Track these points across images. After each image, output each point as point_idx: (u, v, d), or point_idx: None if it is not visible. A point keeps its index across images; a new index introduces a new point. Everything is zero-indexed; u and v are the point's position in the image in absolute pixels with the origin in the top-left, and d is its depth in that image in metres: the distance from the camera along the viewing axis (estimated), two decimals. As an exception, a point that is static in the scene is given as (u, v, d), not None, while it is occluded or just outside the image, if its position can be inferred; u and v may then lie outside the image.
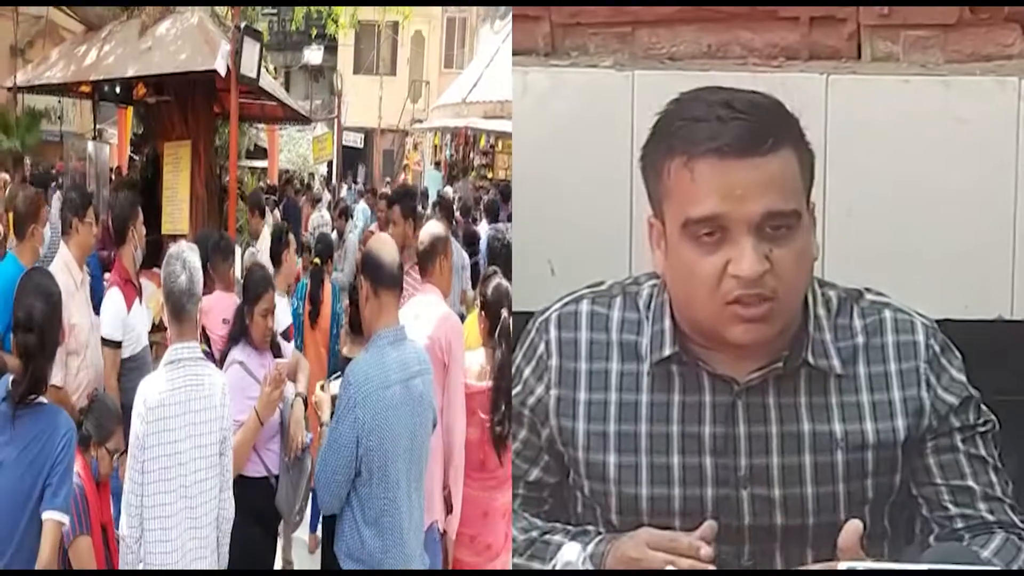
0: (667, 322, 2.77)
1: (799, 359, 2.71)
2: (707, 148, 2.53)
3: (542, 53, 3.97)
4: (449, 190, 20.91)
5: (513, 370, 2.96)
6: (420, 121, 29.60)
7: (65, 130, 17.81)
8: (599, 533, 2.77)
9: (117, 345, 5.60)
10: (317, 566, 5.30)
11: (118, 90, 12.65)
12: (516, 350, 2.97)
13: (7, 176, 12.56)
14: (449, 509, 4.54)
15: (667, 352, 2.75)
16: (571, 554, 2.66)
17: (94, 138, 14.04)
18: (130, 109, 14.75)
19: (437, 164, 27.85)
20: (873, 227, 3.79)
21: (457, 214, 15.75)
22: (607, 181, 3.76)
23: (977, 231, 3.79)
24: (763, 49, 3.89)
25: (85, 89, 12.85)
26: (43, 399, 3.61)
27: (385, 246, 3.94)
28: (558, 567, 2.65)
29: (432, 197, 19.33)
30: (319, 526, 5.11)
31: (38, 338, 3.59)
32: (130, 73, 11.14)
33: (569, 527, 2.81)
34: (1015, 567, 2.67)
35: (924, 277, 3.68)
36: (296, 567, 6.16)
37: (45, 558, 3.47)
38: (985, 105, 3.78)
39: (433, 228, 4.97)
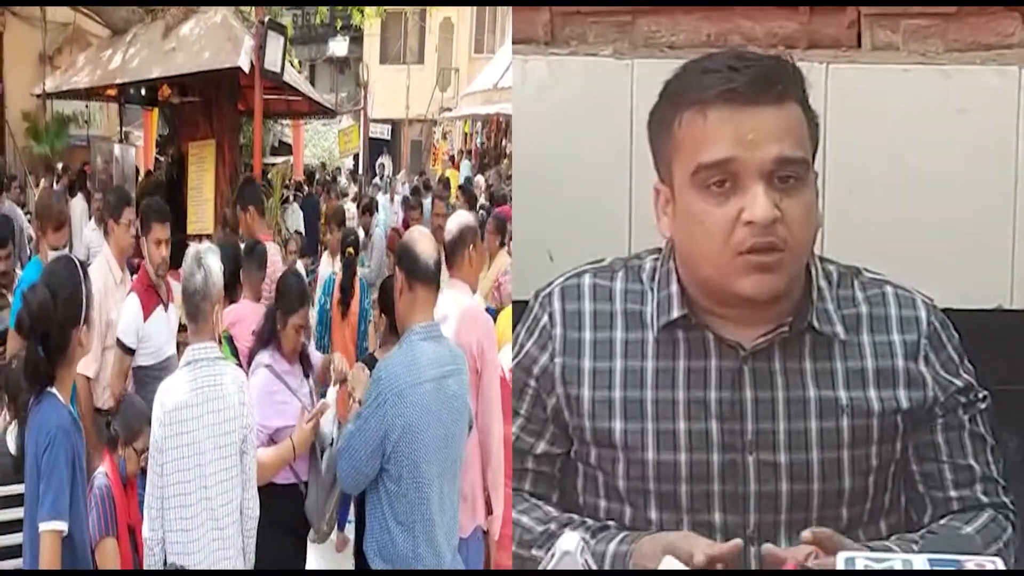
0: (674, 287, 2.77)
1: (803, 323, 2.72)
2: (720, 91, 2.56)
3: (542, 42, 3.96)
4: (481, 179, 20.91)
5: (515, 346, 2.94)
6: (449, 109, 29.52)
7: (92, 134, 18.01)
8: (619, 529, 2.76)
9: (129, 351, 5.58)
10: (343, 566, 5.26)
11: (143, 92, 12.81)
12: (518, 327, 2.96)
13: (43, 181, 12.79)
14: (490, 511, 4.49)
15: (675, 314, 2.75)
16: (569, 543, 2.60)
17: (120, 141, 14.22)
18: (155, 111, 14.94)
19: (469, 153, 27.81)
20: (873, 216, 3.79)
21: (482, 201, 15.77)
22: (607, 169, 3.77)
23: (977, 220, 3.79)
24: (763, 38, 3.87)
25: (111, 93, 13.04)
26: (53, 391, 3.47)
27: (422, 239, 3.88)
28: (556, 556, 2.62)
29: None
30: (347, 525, 5.03)
31: (30, 321, 3.44)
32: (154, 75, 11.31)
33: (588, 521, 2.80)
34: (996, 547, 2.70)
35: (924, 266, 3.62)
36: (323, 566, 6.12)
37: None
38: (985, 94, 3.77)
39: (462, 218, 4.85)
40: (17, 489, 3.67)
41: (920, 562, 2.25)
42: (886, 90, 3.79)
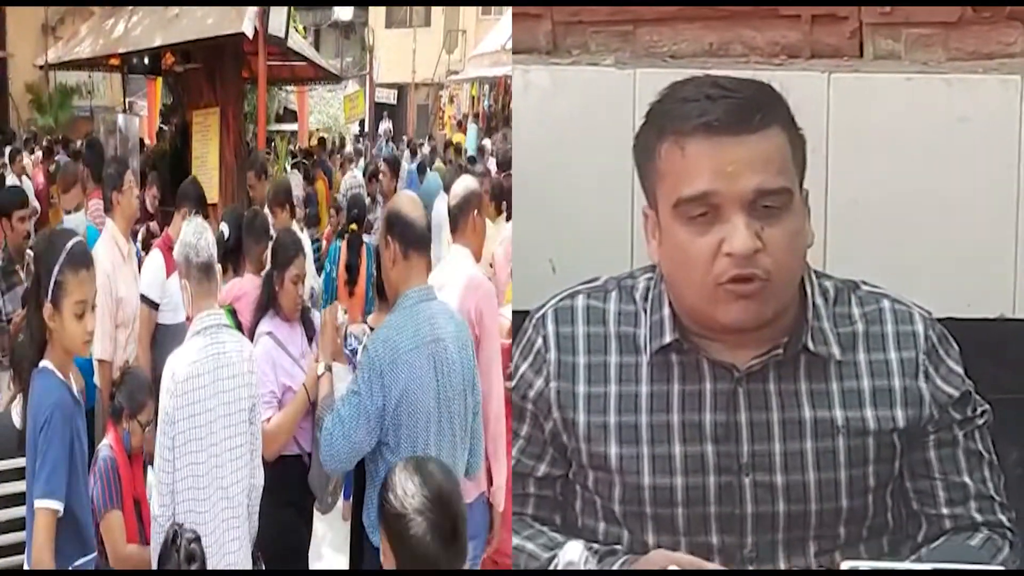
0: (666, 310, 2.77)
1: (798, 345, 2.72)
2: (696, 124, 2.55)
3: (543, 51, 3.95)
4: (488, 143, 20.85)
5: (512, 368, 2.96)
6: (456, 72, 29.31)
7: (96, 105, 18.00)
8: (626, 552, 2.78)
9: (154, 305, 5.65)
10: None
11: (147, 61, 12.75)
12: (513, 348, 2.97)
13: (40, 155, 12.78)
14: (491, 481, 4.48)
15: (667, 339, 2.75)
16: (573, 553, 2.66)
17: (124, 111, 14.17)
18: (159, 80, 14.86)
19: (476, 116, 27.65)
20: (875, 225, 3.78)
21: (488, 166, 15.71)
22: (608, 180, 3.75)
23: (979, 229, 3.78)
24: (765, 47, 3.87)
25: (114, 62, 12.99)
26: (47, 363, 3.43)
27: (413, 205, 3.87)
28: (560, 566, 2.67)
29: (471, 152, 19.33)
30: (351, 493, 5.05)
31: (25, 297, 3.50)
32: (157, 43, 11.27)
33: (595, 546, 2.79)
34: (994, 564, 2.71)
35: (926, 275, 3.67)
36: (330, 536, 6.15)
37: (34, 555, 3.33)
38: (987, 104, 3.75)
39: (467, 182, 4.86)
40: (22, 462, 3.67)
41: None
42: (888, 99, 3.78)
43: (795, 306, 2.73)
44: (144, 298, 5.66)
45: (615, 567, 2.70)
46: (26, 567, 3.51)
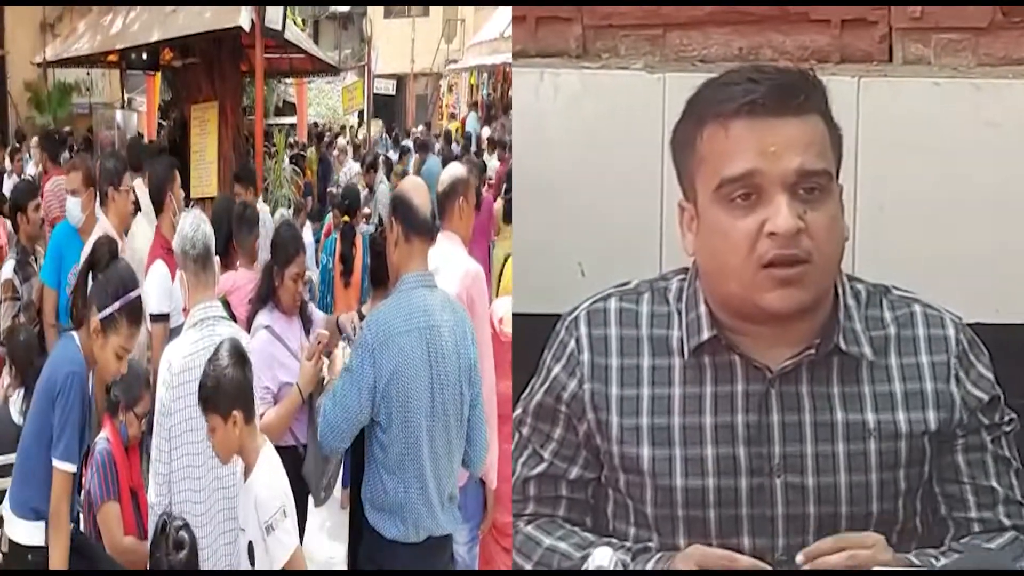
0: (702, 308, 2.77)
1: (831, 345, 2.71)
2: (741, 104, 2.56)
3: (573, 55, 3.97)
4: (487, 131, 20.83)
5: (543, 370, 2.94)
6: (455, 61, 29.20)
7: (95, 101, 17.93)
8: (659, 550, 2.78)
9: (166, 318, 5.55)
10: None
11: (145, 57, 12.70)
12: (545, 351, 2.95)
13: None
14: None
15: (705, 336, 2.75)
16: (603, 558, 2.66)
17: (122, 107, 14.11)
18: (158, 75, 14.80)
19: (475, 105, 27.55)
20: (904, 230, 3.79)
21: (488, 156, 15.71)
22: (638, 183, 3.76)
23: (1008, 234, 3.79)
24: (794, 52, 3.88)
25: (113, 59, 12.94)
26: (75, 335, 3.65)
27: (418, 190, 3.88)
28: (589, 568, 2.67)
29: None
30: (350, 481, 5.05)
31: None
32: (155, 38, 11.22)
33: (628, 544, 2.81)
34: (1019, 565, 2.71)
35: (954, 280, 3.67)
36: (328, 525, 6.15)
37: (52, 507, 3.57)
38: (1016, 108, 3.75)
39: (453, 169, 4.85)
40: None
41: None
42: (917, 104, 3.79)
43: (828, 305, 2.73)
44: (155, 316, 5.52)
45: (650, 564, 2.71)
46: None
